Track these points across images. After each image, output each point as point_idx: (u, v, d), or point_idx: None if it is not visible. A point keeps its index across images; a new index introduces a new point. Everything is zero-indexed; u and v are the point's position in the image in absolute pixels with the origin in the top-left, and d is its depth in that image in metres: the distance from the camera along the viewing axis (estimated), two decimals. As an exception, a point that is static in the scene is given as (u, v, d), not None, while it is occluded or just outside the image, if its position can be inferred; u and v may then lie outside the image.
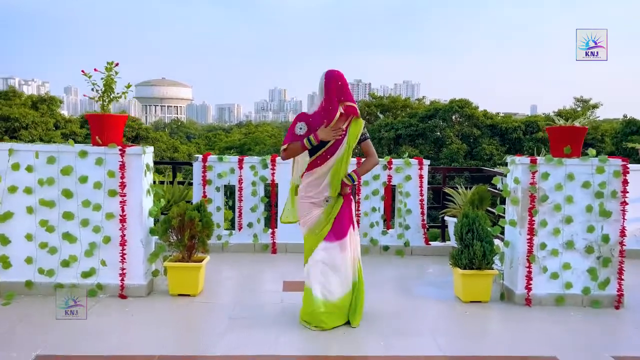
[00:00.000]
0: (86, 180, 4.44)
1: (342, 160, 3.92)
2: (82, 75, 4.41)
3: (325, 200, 3.95)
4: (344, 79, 3.92)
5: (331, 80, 3.86)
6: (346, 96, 3.87)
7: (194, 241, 4.64)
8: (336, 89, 3.85)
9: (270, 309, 4.35)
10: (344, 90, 3.88)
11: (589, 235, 4.55)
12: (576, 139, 4.59)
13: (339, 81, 3.87)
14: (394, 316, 4.29)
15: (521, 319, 4.29)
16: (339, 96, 3.84)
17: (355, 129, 3.93)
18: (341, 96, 3.85)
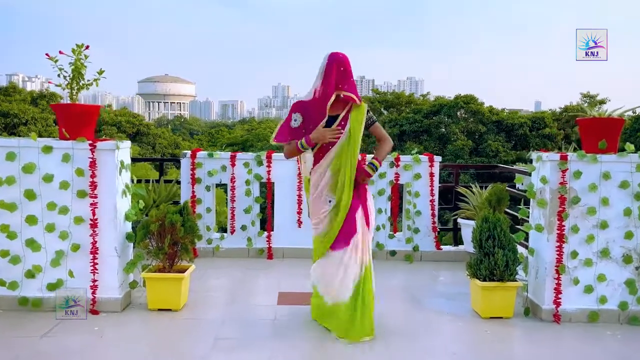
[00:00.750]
0: (51, 179, 3.87)
1: (342, 152, 3.50)
2: (46, 58, 3.85)
3: (328, 200, 3.56)
4: (347, 64, 3.47)
5: (333, 64, 3.44)
6: (347, 85, 3.47)
7: (176, 248, 4.09)
8: (337, 74, 3.43)
9: (262, 327, 3.79)
10: (346, 76, 3.44)
11: (626, 243, 3.98)
12: (612, 133, 4.01)
13: (341, 66, 3.45)
14: (403, 334, 3.73)
15: (550, 338, 3.73)
16: (338, 82, 3.44)
17: (357, 114, 3.52)
18: (340, 83, 3.45)
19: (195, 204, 5.65)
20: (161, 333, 3.71)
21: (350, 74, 3.50)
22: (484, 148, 31.91)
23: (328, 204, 3.56)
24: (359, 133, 3.51)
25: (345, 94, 3.48)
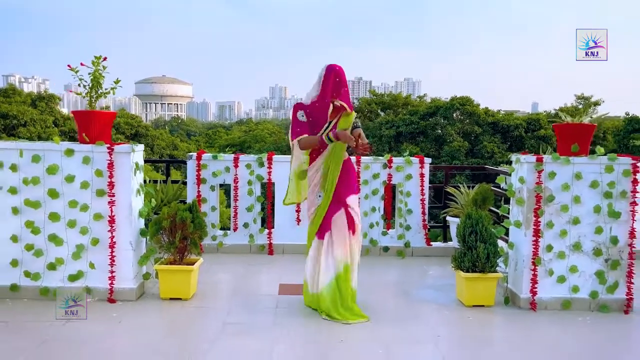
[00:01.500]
0: (73, 179, 4.25)
1: (334, 151, 4.01)
2: (69, 70, 4.22)
3: (318, 195, 4.08)
4: (342, 76, 4.00)
5: (330, 75, 3.97)
6: (340, 95, 3.98)
7: (186, 243, 4.46)
8: (333, 85, 3.96)
9: (266, 314, 4.16)
10: (340, 87, 3.98)
11: (597, 237, 4.37)
12: (584, 137, 4.40)
13: (337, 77, 3.97)
14: (395, 321, 4.11)
15: (526, 324, 4.11)
16: (333, 92, 3.96)
17: (345, 121, 4.04)
18: (335, 93, 3.96)
19: (201, 203, 6.03)
20: (173, 319, 4.08)
21: (345, 84, 4.02)
22: (479, 149, 32.25)
23: (318, 199, 4.08)
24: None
25: (338, 104, 4.00)
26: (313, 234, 4.13)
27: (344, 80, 4.00)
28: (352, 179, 4.20)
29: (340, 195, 4.07)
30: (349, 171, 4.18)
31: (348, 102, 4.04)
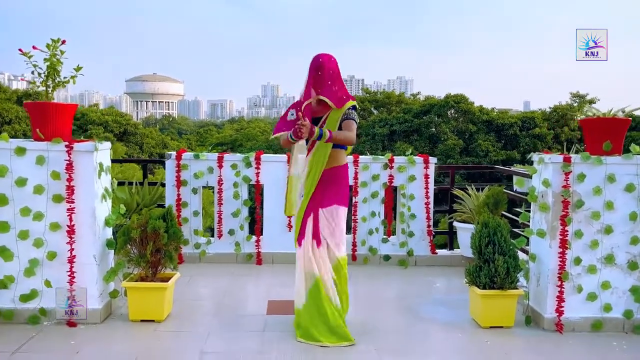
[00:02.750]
0: (25, 183, 3.63)
1: (318, 149, 3.58)
2: (20, 54, 3.60)
3: (300, 195, 3.68)
4: (325, 68, 3.53)
5: (311, 68, 3.57)
6: (323, 89, 3.56)
7: (160, 256, 3.86)
8: (314, 79, 3.56)
9: (251, 339, 3.57)
10: (322, 80, 3.55)
11: (632, 248, 3.81)
12: (618, 133, 3.85)
13: (318, 70, 3.53)
14: (398, 344, 3.57)
15: (552, 349, 3.57)
16: (315, 87, 3.58)
17: (333, 116, 3.58)
18: (318, 87, 3.57)
19: (181, 208, 5.42)
20: (143, 347, 3.48)
21: (327, 77, 3.54)
22: (474, 148, 31.88)
23: (300, 198, 3.67)
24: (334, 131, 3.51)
25: (320, 98, 3.54)
26: (296, 237, 3.71)
27: (326, 73, 3.53)
28: (340, 187, 3.65)
29: (316, 201, 3.59)
30: (339, 178, 3.65)
31: (333, 96, 3.53)
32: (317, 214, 3.60)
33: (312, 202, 3.61)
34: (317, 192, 3.59)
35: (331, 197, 3.61)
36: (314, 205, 3.61)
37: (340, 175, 3.67)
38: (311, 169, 3.59)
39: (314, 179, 3.58)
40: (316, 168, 3.57)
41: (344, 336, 3.49)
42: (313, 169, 3.58)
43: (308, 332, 3.51)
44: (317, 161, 3.57)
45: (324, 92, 3.54)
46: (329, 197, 3.61)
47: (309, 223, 3.61)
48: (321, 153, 3.57)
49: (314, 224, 3.60)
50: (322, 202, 3.60)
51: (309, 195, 3.61)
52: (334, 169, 3.62)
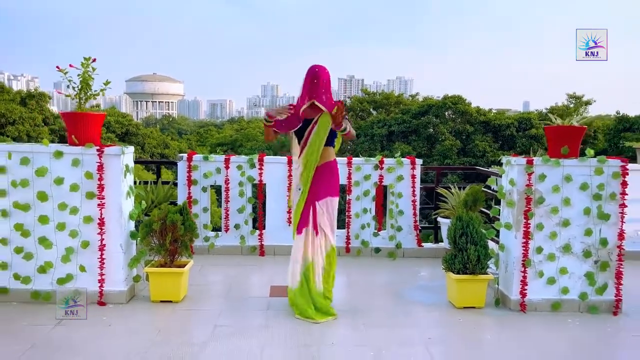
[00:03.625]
0: (62, 182, 4.22)
1: (310, 148, 4.10)
2: (57, 71, 4.19)
3: (298, 188, 4.20)
4: (320, 77, 4.04)
5: (307, 77, 4.04)
6: (317, 95, 4.01)
7: (177, 245, 4.45)
8: (310, 86, 4.04)
9: (257, 317, 4.16)
10: (317, 88, 4.01)
11: (586, 239, 4.40)
12: (574, 139, 4.42)
13: (314, 79, 4.03)
14: (385, 323, 4.12)
15: (516, 326, 4.13)
16: (310, 94, 4.02)
17: (324, 120, 4.06)
18: (314, 93, 4.01)
19: (192, 205, 6.00)
20: (164, 322, 4.07)
21: (322, 85, 4.05)
22: (471, 148, 32.35)
23: (298, 191, 4.20)
24: (323, 135, 4.07)
25: (315, 104, 4.05)
26: (294, 228, 4.25)
27: (321, 82, 4.02)
28: (331, 180, 4.22)
29: (312, 195, 4.17)
30: (330, 172, 4.22)
31: (323, 104, 4.03)
32: (315, 206, 4.17)
33: (309, 196, 4.18)
34: (312, 186, 4.16)
35: (325, 189, 4.19)
36: (311, 199, 4.18)
37: (331, 170, 4.24)
38: (305, 166, 4.12)
39: (308, 175, 4.13)
40: (310, 165, 4.11)
41: (328, 312, 4.12)
42: (307, 166, 4.11)
43: (303, 310, 4.09)
44: (310, 159, 4.11)
45: (318, 99, 4.02)
46: (323, 190, 4.19)
47: (309, 214, 4.18)
48: (314, 152, 4.10)
49: (313, 215, 4.17)
50: (317, 195, 4.17)
51: (307, 190, 4.16)
52: (325, 165, 4.19)
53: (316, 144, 4.10)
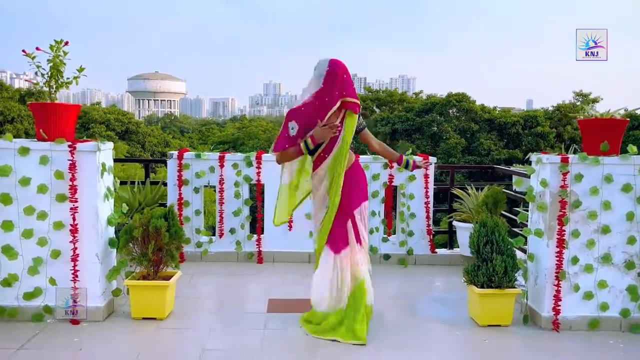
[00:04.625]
0: (28, 182, 3.68)
1: (338, 157, 3.59)
2: (23, 55, 3.66)
3: (325, 205, 3.66)
4: (348, 72, 3.55)
5: (337, 72, 3.49)
6: (349, 92, 3.53)
7: (161, 254, 3.91)
8: (341, 82, 3.50)
9: (252, 336, 3.62)
10: (347, 84, 3.50)
11: (629, 248, 3.85)
12: (615, 134, 3.88)
13: (344, 74, 3.50)
14: (397, 343, 3.60)
15: (549, 347, 3.60)
16: (341, 90, 3.50)
17: (350, 122, 3.60)
18: (344, 91, 3.51)
19: (183, 207, 5.47)
20: (145, 344, 3.53)
21: (351, 82, 3.58)
22: (476, 147, 31.88)
23: (324, 210, 3.65)
24: (349, 139, 3.60)
25: (349, 101, 3.54)
26: (321, 247, 3.67)
27: (350, 77, 3.58)
28: (360, 185, 3.75)
29: (345, 205, 3.62)
30: (357, 177, 3.74)
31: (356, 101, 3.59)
32: (353, 217, 3.65)
33: (342, 208, 3.61)
34: (343, 196, 3.60)
35: (357, 196, 3.68)
36: (346, 210, 3.63)
37: (357, 173, 3.75)
38: (334, 177, 3.58)
39: (338, 186, 3.57)
40: (339, 175, 3.57)
41: (360, 336, 3.52)
42: (337, 176, 3.57)
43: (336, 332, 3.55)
44: (338, 169, 3.57)
45: (351, 95, 3.53)
46: (355, 197, 3.67)
47: (348, 228, 3.63)
48: (340, 161, 3.57)
49: (354, 227, 3.64)
50: (351, 204, 3.64)
51: (337, 202, 3.58)
52: (350, 169, 3.68)
53: (344, 151, 3.58)
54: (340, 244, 3.61)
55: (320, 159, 3.62)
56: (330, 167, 3.60)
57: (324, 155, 3.60)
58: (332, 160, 3.59)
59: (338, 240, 3.62)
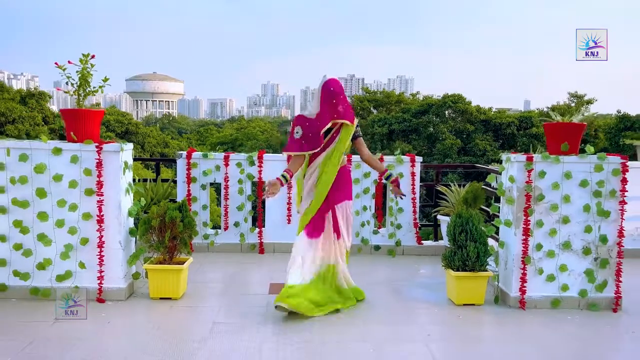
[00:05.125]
0: (61, 178, 4.21)
1: (329, 157, 4.17)
2: (56, 67, 4.18)
3: (312, 192, 4.26)
4: (338, 95, 4.10)
5: (328, 96, 4.07)
6: (339, 110, 4.08)
7: (176, 242, 4.44)
8: (330, 106, 4.08)
9: (256, 314, 4.15)
10: (338, 103, 4.08)
11: (586, 236, 4.39)
12: (574, 136, 4.41)
13: (333, 98, 4.07)
14: (385, 320, 4.12)
15: (516, 323, 4.13)
16: (332, 113, 4.07)
17: (346, 132, 4.18)
18: (334, 113, 4.07)
19: (191, 202, 6.00)
20: (163, 319, 4.06)
21: (344, 99, 4.14)
22: (471, 147, 32.35)
23: (309, 199, 4.24)
24: (343, 146, 4.18)
25: (338, 122, 4.13)
26: (301, 228, 4.24)
27: (342, 95, 4.10)
28: (346, 186, 4.35)
29: (329, 199, 4.22)
30: (345, 178, 4.33)
31: (348, 117, 4.15)
32: (334, 210, 4.25)
33: (327, 201, 4.22)
34: (330, 192, 4.21)
35: (342, 194, 4.29)
36: (329, 203, 4.23)
37: (346, 175, 4.37)
38: (324, 174, 4.17)
39: (328, 182, 4.16)
40: (332, 173, 4.17)
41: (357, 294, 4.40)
42: (328, 174, 4.16)
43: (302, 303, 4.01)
44: (331, 167, 4.17)
45: (342, 113, 4.10)
46: (340, 195, 4.28)
47: (327, 219, 4.23)
48: (334, 161, 4.17)
49: (333, 219, 4.25)
50: (335, 199, 4.25)
51: (324, 196, 4.19)
52: (341, 170, 4.28)
53: (337, 153, 4.17)
54: (316, 232, 4.21)
55: (316, 155, 4.18)
56: (321, 163, 4.17)
57: (320, 152, 4.17)
58: (323, 159, 4.17)
59: (315, 229, 4.20)
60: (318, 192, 4.19)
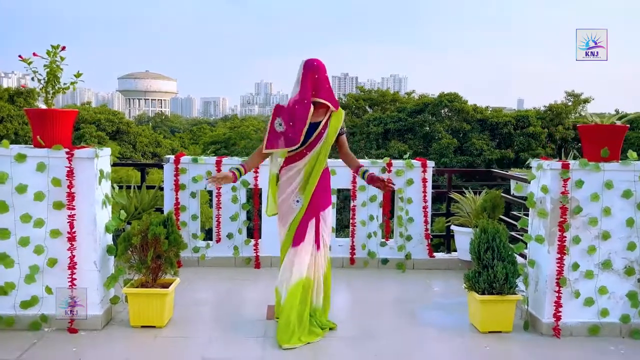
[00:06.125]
0: (25, 190, 3.62)
1: (317, 156, 3.68)
2: (20, 60, 3.60)
3: (295, 200, 3.69)
4: (321, 71, 3.61)
5: (308, 72, 3.61)
6: (322, 92, 3.62)
7: (160, 262, 3.87)
8: (312, 82, 3.60)
9: (252, 345, 3.59)
10: (320, 83, 3.62)
11: (629, 254, 3.85)
12: (615, 140, 3.88)
13: (315, 74, 3.58)
14: (400, 352, 3.57)
15: (551, 353, 3.61)
16: (313, 90, 3.61)
17: (335, 121, 3.70)
18: (316, 91, 3.61)
19: (179, 212, 5.42)
20: (144, 353, 3.49)
21: (326, 81, 3.65)
22: (468, 147, 31.94)
23: (296, 204, 3.68)
24: (332, 139, 3.69)
25: (319, 101, 3.60)
26: (289, 242, 3.74)
27: (323, 76, 3.64)
28: (328, 190, 3.86)
29: (314, 205, 3.69)
30: (326, 182, 3.81)
31: (332, 99, 3.65)
32: (319, 217, 3.71)
33: (310, 207, 3.68)
34: (313, 197, 3.68)
35: (325, 199, 3.79)
36: (313, 210, 3.69)
37: (327, 178, 3.84)
38: (311, 174, 3.65)
39: (312, 186, 3.66)
40: (316, 174, 3.66)
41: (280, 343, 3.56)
42: (313, 176, 3.65)
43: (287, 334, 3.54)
44: (318, 167, 3.66)
45: (323, 95, 3.61)
46: (324, 200, 3.77)
47: (310, 227, 3.68)
48: (322, 160, 3.67)
49: (316, 228, 3.70)
50: (319, 205, 3.72)
51: (309, 200, 3.66)
52: (323, 172, 3.75)
53: (324, 150, 3.68)
54: (298, 240, 3.67)
55: (301, 155, 3.65)
56: (308, 164, 3.66)
57: (305, 152, 3.65)
58: (310, 159, 3.65)
59: (298, 236, 3.68)
60: (306, 197, 3.67)
